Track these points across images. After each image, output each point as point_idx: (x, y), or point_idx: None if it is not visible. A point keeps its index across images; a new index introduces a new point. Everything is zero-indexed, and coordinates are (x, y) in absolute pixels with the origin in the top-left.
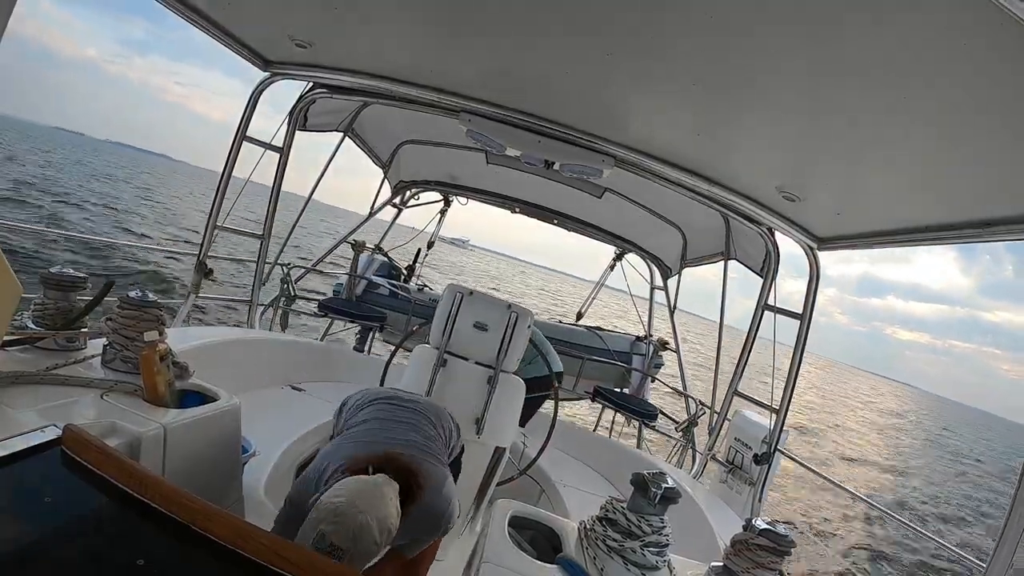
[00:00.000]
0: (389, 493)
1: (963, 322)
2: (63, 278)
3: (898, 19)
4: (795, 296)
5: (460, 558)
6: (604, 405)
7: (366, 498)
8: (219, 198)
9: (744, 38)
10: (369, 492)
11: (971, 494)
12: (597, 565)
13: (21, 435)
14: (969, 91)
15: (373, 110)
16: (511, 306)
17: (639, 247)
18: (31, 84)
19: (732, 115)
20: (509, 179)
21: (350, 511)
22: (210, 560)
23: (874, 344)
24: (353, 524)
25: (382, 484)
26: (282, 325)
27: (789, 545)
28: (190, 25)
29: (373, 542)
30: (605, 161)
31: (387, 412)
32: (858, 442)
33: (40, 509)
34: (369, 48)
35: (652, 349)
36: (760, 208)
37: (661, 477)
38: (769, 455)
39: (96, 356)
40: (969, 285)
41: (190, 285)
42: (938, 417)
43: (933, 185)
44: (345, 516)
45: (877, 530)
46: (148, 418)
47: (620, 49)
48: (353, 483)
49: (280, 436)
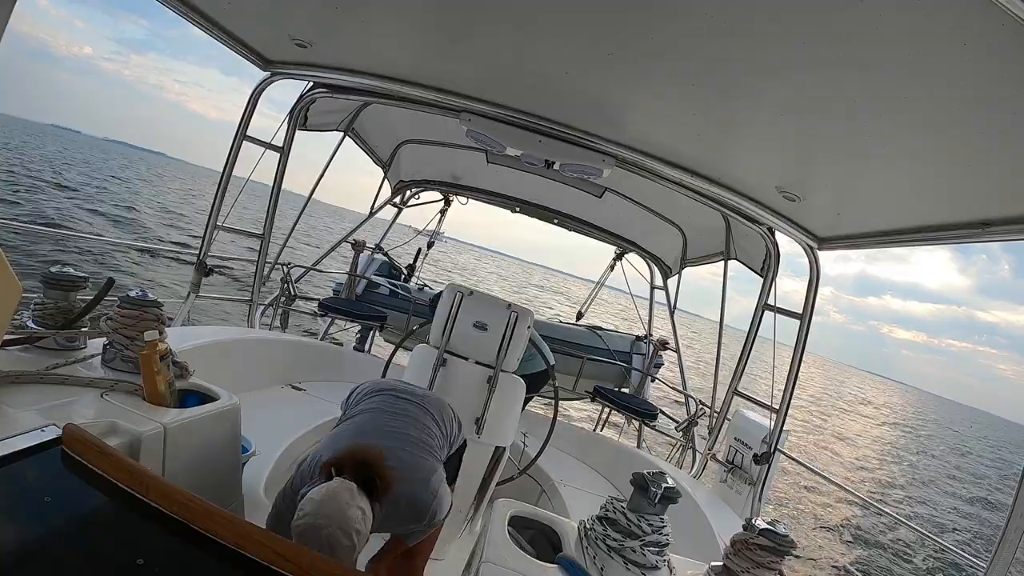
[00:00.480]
0: (345, 497)
1: (960, 322)
2: (63, 278)
3: (898, 19)
4: (792, 296)
5: (460, 558)
6: (604, 405)
7: (326, 511)
8: (219, 198)
9: (744, 38)
10: (327, 503)
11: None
12: (597, 564)
13: (21, 435)
14: (969, 91)
15: (373, 110)
16: (511, 306)
17: (639, 247)
18: (29, 82)
19: (732, 115)
20: (509, 179)
21: (312, 530)
22: (210, 560)
23: (871, 343)
24: (320, 539)
25: (337, 490)
26: (282, 325)
27: (789, 545)
28: (189, 24)
29: (346, 546)
30: (605, 161)
31: (388, 404)
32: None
33: (40, 509)
34: (369, 48)
35: (652, 349)
36: (760, 208)
37: (661, 477)
38: (769, 455)
39: (96, 356)
40: (966, 284)
41: (190, 285)
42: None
43: (933, 185)
44: (310, 534)
45: (877, 529)
46: (148, 418)
47: (620, 49)
48: (313, 498)
49: (280, 436)
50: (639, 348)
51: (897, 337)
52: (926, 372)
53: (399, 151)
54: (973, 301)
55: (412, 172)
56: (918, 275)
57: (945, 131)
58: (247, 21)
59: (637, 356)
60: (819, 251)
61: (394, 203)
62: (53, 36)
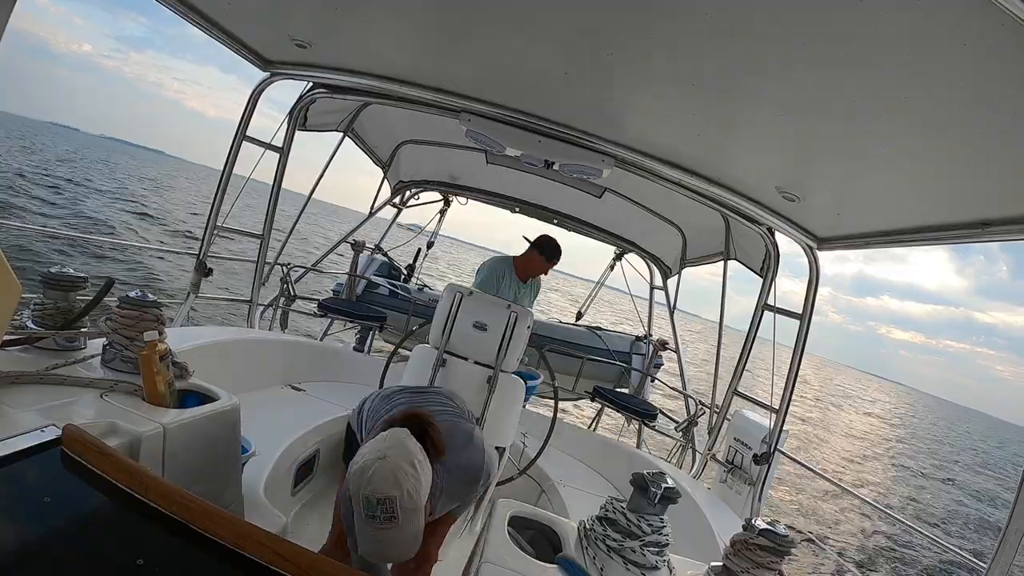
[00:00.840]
0: (401, 436)
1: (958, 322)
2: (63, 278)
3: (898, 19)
4: (791, 296)
5: (460, 558)
6: (604, 405)
7: (385, 445)
8: (219, 198)
9: (744, 38)
10: (386, 439)
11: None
12: (597, 565)
13: (21, 435)
14: (969, 91)
15: (373, 110)
16: (511, 306)
17: (639, 247)
18: (28, 79)
19: (732, 115)
20: (509, 179)
21: (375, 463)
22: (210, 560)
23: (869, 344)
24: (385, 470)
25: (395, 431)
26: (282, 325)
27: (789, 545)
28: (189, 24)
29: (413, 477)
30: (605, 161)
31: (417, 398)
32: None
33: (40, 509)
34: (369, 48)
35: (652, 349)
36: (760, 208)
37: (661, 477)
38: (769, 455)
39: (96, 356)
40: (964, 285)
41: (190, 285)
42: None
43: (932, 185)
44: (373, 468)
45: (877, 530)
46: (148, 418)
47: (620, 49)
48: (366, 446)
49: (280, 436)
50: (639, 348)
51: (895, 338)
52: (924, 373)
53: (399, 151)
54: (971, 302)
55: (412, 172)
56: (916, 276)
57: (945, 131)
58: (247, 21)
59: (637, 356)
60: (818, 251)
61: (394, 203)
62: (52, 33)
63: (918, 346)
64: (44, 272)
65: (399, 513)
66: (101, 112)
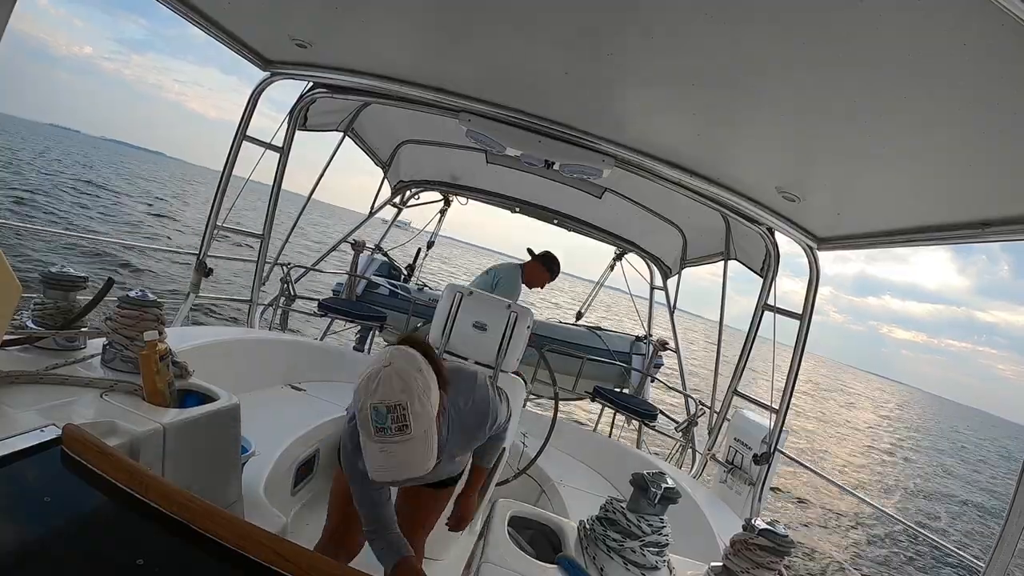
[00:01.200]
0: (403, 348)
1: (959, 322)
2: (63, 278)
3: (898, 19)
4: (792, 296)
5: (460, 558)
6: (604, 405)
7: (386, 357)
8: (219, 198)
9: (744, 38)
10: (385, 353)
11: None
12: (597, 565)
13: (21, 435)
14: (969, 91)
15: (373, 110)
16: (511, 306)
17: (639, 247)
18: (28, 81)
19: (732, 115)
20: (509, 179)
21: (381, 371)
22: (210, 560)
23: (870, 343)
24: (393, 376)
25: (392, 347)
26: (282, 325)
27: (789, 545)
28: (189, 24)
29: (422, 382)
30: (605, 161)
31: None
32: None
33: (40, 509)
34: (369, 48)
35: (652, 349)
36: (760, 208)
37: (661, 477)
38: (769, 455)
39: (96, 356)
40: (965, 285)
41: (190, 285)
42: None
43: (932, 185)
44: (379, 376)
45: (877, 530)
46: (148, 418)
47: (620, 49)
48: (367, 366)
49: (280, 436)
50: (639, 348)
51: (896, 337)
52: (925, 372)
53: (399, 151)
54: (972, 301)
55: (412, 172)
56: (917, 275)
57: (945, 131)
58: (247, 21)
59: (637, 356)
60: (819, 251)
61: (394, 203)
62: (52, 36)
63: (920, 345)
64: (44, 272)
65: (411, 420)
66: (101, 115)
